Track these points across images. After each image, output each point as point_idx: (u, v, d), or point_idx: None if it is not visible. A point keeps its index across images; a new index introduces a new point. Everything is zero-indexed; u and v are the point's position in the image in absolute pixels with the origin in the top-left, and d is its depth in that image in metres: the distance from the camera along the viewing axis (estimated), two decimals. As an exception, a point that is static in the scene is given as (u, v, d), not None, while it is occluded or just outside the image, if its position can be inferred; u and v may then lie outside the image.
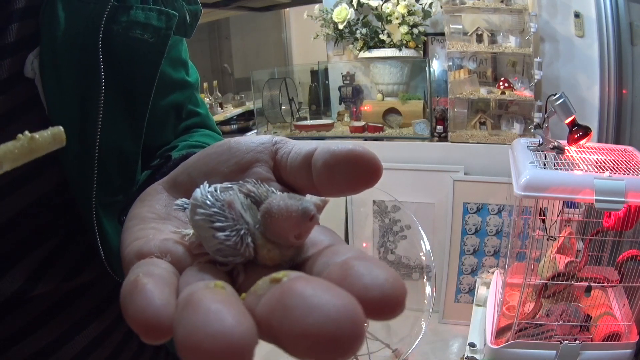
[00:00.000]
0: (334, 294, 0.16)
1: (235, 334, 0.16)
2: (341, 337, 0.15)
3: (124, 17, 0.36)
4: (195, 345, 0.16)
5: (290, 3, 2.98)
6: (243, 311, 0.17)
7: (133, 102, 0.38)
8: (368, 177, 0.24)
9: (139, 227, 0.28)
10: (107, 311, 0.43)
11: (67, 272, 0.38)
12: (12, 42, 0.34)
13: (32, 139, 0.22)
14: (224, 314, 0.16)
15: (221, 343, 0.15)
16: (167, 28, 0.38)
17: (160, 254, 0.24)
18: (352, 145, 0.24)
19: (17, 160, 0.22)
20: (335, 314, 0.15)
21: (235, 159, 0.28)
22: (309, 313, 0.16)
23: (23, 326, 0.37)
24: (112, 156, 0.38)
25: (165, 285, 0.20)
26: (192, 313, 0.17)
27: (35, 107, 0.35)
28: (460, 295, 2.12)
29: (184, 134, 0.50)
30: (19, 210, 0.35)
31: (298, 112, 2.62)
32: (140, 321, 0.18)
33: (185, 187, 0.30)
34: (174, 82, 0.47)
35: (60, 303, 0.39)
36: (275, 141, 0.29)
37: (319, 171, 0.25)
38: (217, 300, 0.17)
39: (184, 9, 0.41)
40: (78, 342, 0.40)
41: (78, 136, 0.35)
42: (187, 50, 0.50)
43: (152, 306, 0.18)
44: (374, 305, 0.17)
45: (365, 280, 0.18)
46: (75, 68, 0.35)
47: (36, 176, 0.35)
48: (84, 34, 0.34)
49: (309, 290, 0.16)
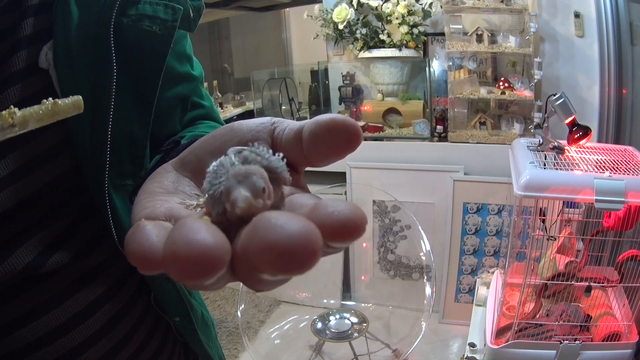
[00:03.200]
0: (296, 219, 0.19)
1: (210, 243, 0.18)
2: (298, 252, 0.18)
3: (132, 10, 0.39)
4: (174, 252, 0.18)
5: (290, 3, 2.99)
6: (220, 233, 0.20)
7: (142, 90, 0.41)
8: (349, 142, 0.26)
9: (147, 199, 0.30)
10: (120, 293, 0.44)
11: (79, 250, 0.40)
12: (27, 35, 0.36)
13: (55, 103, 0.26)
14: (202, 229, 0.19)
15: (197, 249, 0.18)
16: (174, 20, 0.41)
17: (166, 218, 0.26)
18: (334, 114, 0.27)
19: (41, 121, 0.25)
20: (294, 232, 0.18)
21: (237, 138, 0.31)
22: (272, 231, 0.18)
23: (37, 305, 0.38)
24: (123, 141, 0.40)
25: (163, 228, 0.23)
26: (176, 229, 0.19)
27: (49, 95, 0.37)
28: (460, 295, 2.12)
29: (190, 125, 0.53)
30: (34, 190, 0.37)
31: (298, 112, 2.62)
32: (138, 253, 0.21)
33: (192, 165, 0.32)
34: (180, 75, 0.49)
35: (74, 284, 0.40)
36: (274, 121, 0.31)
37: (307, 140, 0.28)
38: (199, 222, 0.20)
39: (187, 4, 0.44)
40: (92, 323, 0.41)
41: (91, 122, 0.37)
42: (191, 46, 0.53)
43: (148, 241, 0.21)
44: (337, 228, 0.20)
45: (329, 209, 0.21)
46: (87, 58, 0.37)
47: (51, 159, 0.38)
48: (96, 26, 0.37)
49: (275, 216, 0.19)
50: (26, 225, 0.37)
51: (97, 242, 0.41)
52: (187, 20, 0.44)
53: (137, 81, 0.40)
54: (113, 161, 0.38)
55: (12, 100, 0.35)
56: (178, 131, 0.50)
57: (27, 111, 0.25)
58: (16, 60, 0.35)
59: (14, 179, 0.36)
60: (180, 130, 0.51)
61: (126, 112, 0.40)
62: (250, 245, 0.19)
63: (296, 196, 0.27)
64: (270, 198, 0.24)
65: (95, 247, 0.41)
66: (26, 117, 0.25)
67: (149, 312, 0.47)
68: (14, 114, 0.24)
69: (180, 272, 0.18)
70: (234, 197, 0.23)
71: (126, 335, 0.44)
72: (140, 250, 0.21)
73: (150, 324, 0.47)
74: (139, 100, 0.41)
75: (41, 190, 0.37)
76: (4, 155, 0.35)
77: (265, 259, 0.18)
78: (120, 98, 0.38)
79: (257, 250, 0.18)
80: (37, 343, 0.38)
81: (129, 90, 0.40)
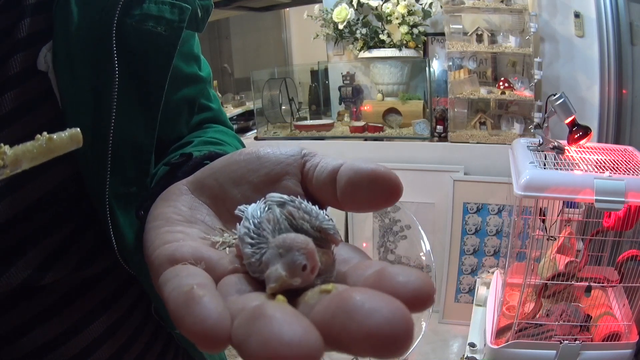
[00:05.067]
0: (387, 299, 0.18)
1: (308, 342, 0.17)
2: (397, 336, 0.17)
3: (137, 10, 0.37)
4: (271, 353, 0.17)
5: (290, 3, 2.98)
6: (308, 321, 0.19)
7: (147, 94, 0.39)
8: (388, 196, 0.25)
9: (165, 229, 0.28)
10: (119, 302, 0.43)
11: (78, 262, 0.38)
12: (24, 36, 0.34)
13: (50, 139, 0.23)
14: (295, 324, 0.18)
15: (297, 350, 0.17)
16: (180, 21, 0.38)
17: (195, 261, 0.25)
18: (375, 165, 0.26)
19: (35, 160, 0.23)
20: (391, 316, 0.18)
21: (265, 170, 0.29)
22: (370, 316, 0.18)
23: (34, 316, 0.37)
24: (126, 147, 0.38)
25: (219, 297, 0.21)
26: (264, 324, 0.18)
27: (48, 100, 0.35)
28: (460, 295, 2.12)
29: (197, 128, 0.51)
30: (33, 200, 0.35)
31: (298, 112, 2.62)
32: (200, 332, 0.19)
33: (212, 191, 0.30)
34: (187, 77, 0.47)
35: (71, 293, 0.39)
36: (304, 153, 0.30)
37: (343, 187, 0.26)
38: (286, 312, 0.19)
39: (195, 4, 0.42)
40: (89, 333, 0.40)
41: (92, 128, 0.35)
42: (199, 45, 0.50)
43: (211, 318, 0.19)
44: (409, 299, 0.19)
45: (400, 279, 0.20)
46: (88, 60, 0.35)
47: (51, 167, 0.36)
48: (97, 27, 0.35)
49: (365, 297, 0.18)
50: (25, 237, 0.35)
51: (98, 253, 0.40)
52: (194, 20, 0.42)
53: (142, 85, 0.38)
54: (116, 168, 0.36)
55: (10, 105, 0.33)
56: (184, 135, 0.49)
57: (19, 150, 0.23)
58: (14, 62, 0.34)
59: (12, 190, 0.34)
60: (186, 133, 0.49)
61: (130, 117, 0.38)
62: (344, 332, 0.18)
63: (338, 251, 0.26)
64: (315, 271, 0.23)
65: (95, 257, 0.40)
66: (18, 157, 0.23)
67: (149, 321, 0.46)
68: (4, 153, 0.22)
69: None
70: (268, 274, 0.22)
71: (126, 343, 0.43)
72: (202, 329, 0.19)
73: (150, 332, 0.46)
74: (144, 105, 0.39)
75: (40, 200, 0.35)
76: None
77: (364, 345, 0.18)
78: (123, 102, 0.36)
79: (356, 337, 0.18)
80: (37, 352, 0.37)
81: (133, 94, 0.38)
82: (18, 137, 0.33)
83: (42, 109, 0.35)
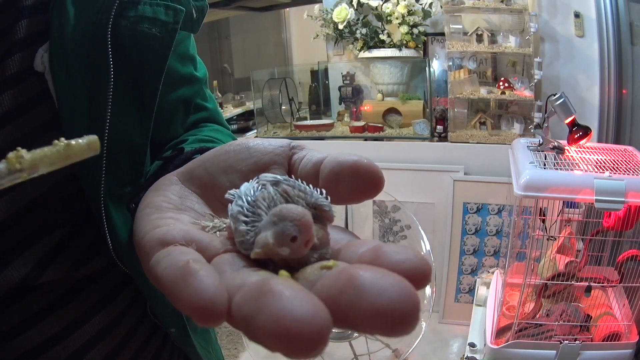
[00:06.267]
0: (394, 278, 0.18)
1: (319, 318, 0.17)
2: (406, 314, 0.18)
3: (132, 12, 0.37)
4: (283, 330, 0.17)
5: (290, 3, 2.98)
6: (316, 298, 0.18)
7: (141, 95, 0.39)
8: (370, 188, 0.26)
9: (156, 215, 0.29)
10: (115, 302, 0.43)
11: (74, 261, 0.39)
12: (22, 37, 0.34)
13: (69, 145, 0.23)
14: (305, 300, 0.18)
15: (308, 327, 0.17)
16: (175, 22, 0.39)
17: (186, 243, 0.25)
18: (358, 156, 0.26)
19: (53, 165, 0.23)
20: (400, 294, 0.18)
21: (253, 159, 0.30)
22: (380, 295, 0.18)
23: (30, 315, 0.37)
24: (121, 148, 0.38)
25: (215, 272, 0.21)
26: (274, 300, 0.18)
27: (45, 100, 0.36)
28: (460, 295, 2.12)
29: (193, 128, 0.51)
30: (29, 200, 0.35)
31: (298, 112, 2.62)
32: (198, 306, 0.19)
33: (201, 180, 0.31)
34: (182, 77, 0.48)
35: (67, 292, 0.39)
36: (293, 145, 0.30)
37: (325, 178, 0.27)
38: (293, 288, 0.19)
39: (190, 5, 0.42)
40: (85, 332, 0.40)
41: (87, 128, 0.35)
42: (194, 46, 0.51)
43: (209, 291, 0.19)
44: (408, 277, 0.19)
45: (397, 257, 0.20)
46: (84, 62, 0.35)
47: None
48: (93, 28, 0.35)
49: (373, 275, 0.18)
50: (22, 236, 0.35)
51: (94, 252, 0.40)
52: (189, 22, 0.42)
53: (137, 85, 0.38)
54: (111, 168, 0.37)
55: (7, 105, 0.34)
56: (180, 134, 0.49)
57: (36, 154, 0.22)
58: (11, 63, 0.34)
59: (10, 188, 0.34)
60: (182, 133, 0.49)
61: (125, 117, 0.38)
62: (354, 309, 0.18)
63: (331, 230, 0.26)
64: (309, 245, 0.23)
65: (91, 257, 0.40)
66: (36, 161, 0.22)
67: (145, 320, 0.46)
68: (21, 157, 0.22)
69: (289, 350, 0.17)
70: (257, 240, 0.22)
71: (121, 342, 0.43)
72: (200, 302, 0.19)
73: (146, 331, 0.46)
74: (139, 105, 0.39)
75: (37, 199, 0.36)
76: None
77: (373, 322, 0.18)
78: (118, 103, 0.36)
79: (365, 314, 0.18)
80: (33, 352, 0.37)
81: (128, 95, 0.38)
82: (15, 137, 0.34)
83: (39, 110, 0.35)
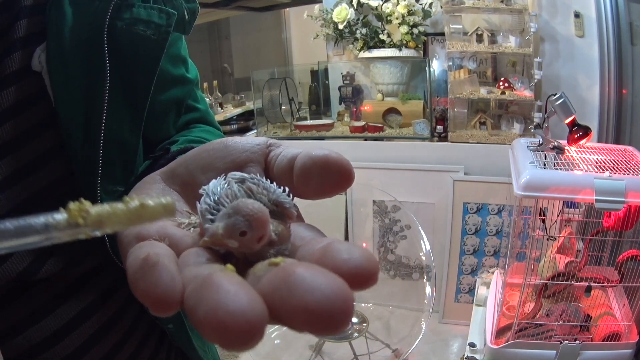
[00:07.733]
0: (329, 277, 0.19)
1: (253, 312, 0.18)
2: (335, 313, 0.18)
3: (127, 14, 0.38)
4: (217, 322, 0.18)
5: (290, 3, 2.99)
6: (254, 292, 0.19)
7: (134, 95, 0.40)
8: (340, 182, 0.26)
9: None
10: (113, 299, 0.43)
11: (73, 256, 0.39)
12: (20, 37, 0.35)
13: (143, 206, 0.21)
14: (241, 294, 0.18)
15: (241, 320, 0.17)
16: (168, 25, 0.40)
17: (160, 238, 0.25)
18: (328, 151, 0.26)
19: (121, 224, 0.21)
20: (331, 293, 0.18)
21: (231, 157, 0.30)
22: (310, 292, 0.18)
23: (29, 314, 0.37)
24: (114, 147, 0.39)
25: (173, 264, 0.22)
26: (212, 292, 0.18)
27: (42, 99, 0.36)
28: (460, 295, 2.12)
29: (184, 129, 0.52)
30: (28, 197, 0.36)
31: (298, 112, 2.62)
32: (152, 295, 0.20)
33: (182, 178, 0.32)
34: (174, 78, 0.49)
35: (65, 291, 0.39)
36: (270, 143, 0.31)
37: (297, 173, 0.27)
38: (233, 282, 0.19)
39: (182, 7, 0.43)
40: (84, 330, 0.40)
41: (83, 127, 0.37)
42: (186, 48, 0.52)
43: (163, 281, 0.20)
44: (350, 276, 0.20)
45: (343, 256, 0.21)
46: (81, 62, 0.36)
47: (45, 164, 0.37)
48: (90, 29, 0.36)
49: (308, 273, 0.19)
50: None
51: (90, 249, 0.40)
52: (181, 23, 0.43)
53: (129, 86, 0.39)
54: (105, 168, 0.38)
55: (6, 104, 0.34)
56: (172, 135, 0.50)
57: (104, 211, 0.20)
58: (9, 62, 0.35)
59: (7, 185, 0.35)
60: (174, 134, 0.50)
61: (118, 117, 0.39)
62: (284, 305, 0.18)
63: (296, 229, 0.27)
64: (262, 241, 0.23)
65: (88, 253, 0.41)
66: (102, 218, 0.20)
67: (142, 318, 0.46)
68: (86, 212, 0.20)
69: (222, 341, 0.18)
70: (207, 228, 0.23)
71: (120, 340, 0.43)
72: (155, 292, 0.20)
73: (144, 329, 0.46)
74: (131, 105, 0.40)
75: (35, 196, 0.36)
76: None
77: (301, 319, 0.18)
78: (112, 102, 0.37)
79: (294, 311, 0.18)
80: (32, 351, 0.37)
81: (121, 95, 0.39)
82: (12, 135, 0.35)
83: (36, 108, 0.36)
